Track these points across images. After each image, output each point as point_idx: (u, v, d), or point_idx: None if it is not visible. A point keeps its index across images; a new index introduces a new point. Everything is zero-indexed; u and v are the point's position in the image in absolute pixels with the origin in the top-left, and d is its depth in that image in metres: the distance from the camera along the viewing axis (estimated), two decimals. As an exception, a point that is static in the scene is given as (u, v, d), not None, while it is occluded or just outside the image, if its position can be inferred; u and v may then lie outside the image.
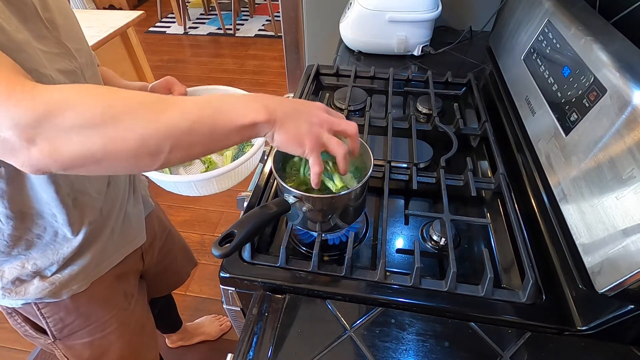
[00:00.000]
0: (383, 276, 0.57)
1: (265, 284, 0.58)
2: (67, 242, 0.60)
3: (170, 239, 0.94)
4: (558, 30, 0.67)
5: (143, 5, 4.43)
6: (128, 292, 0.76)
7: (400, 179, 0.75)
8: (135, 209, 0.75)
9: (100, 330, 0.71)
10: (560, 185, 0.58)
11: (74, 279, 0.63)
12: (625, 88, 0.47)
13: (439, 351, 0.50)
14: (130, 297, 0.76)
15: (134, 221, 0.74)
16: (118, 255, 0.70)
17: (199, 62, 3.33)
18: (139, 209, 0.76)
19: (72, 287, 0.64)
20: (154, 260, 0.86)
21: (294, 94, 0.97)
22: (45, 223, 0.57)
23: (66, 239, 0.60)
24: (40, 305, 0.64)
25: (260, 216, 0.50)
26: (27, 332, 0.69)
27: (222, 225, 1.89)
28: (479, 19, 1.22)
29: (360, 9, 1.09)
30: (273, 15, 3.68)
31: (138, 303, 0.79)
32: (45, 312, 0.64)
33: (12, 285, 0.59)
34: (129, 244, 0.73)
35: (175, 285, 1.05)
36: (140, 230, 0.76)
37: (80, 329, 0.69)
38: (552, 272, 0.57)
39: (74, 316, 0.67)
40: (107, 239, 0.66)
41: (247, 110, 0.41)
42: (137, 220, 0.75)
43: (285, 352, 0.50)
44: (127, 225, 0.71)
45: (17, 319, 0.67)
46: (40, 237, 0.58)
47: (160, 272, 0.92)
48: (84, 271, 0.64)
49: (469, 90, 0.99)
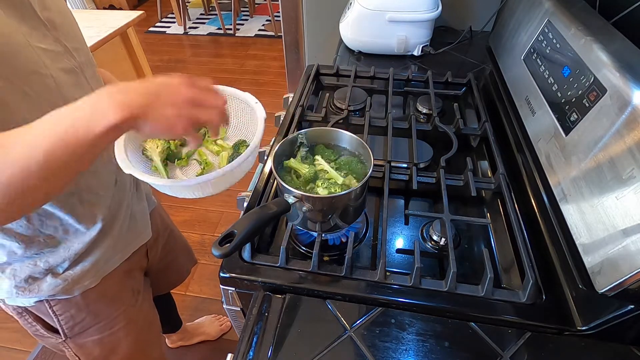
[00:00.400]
0: (383, 276, 0.57)
1: (265, 284, 0.58)
2: (78, 239, 0.61)
3: (172, 237, 0.95)
4: (558, 30, 0.67)
5: (143, 5, 4.43)
6: (135, 289, 0.77)
7: (400, 179, 0.75)
8: (140, 206, 0.76)
9: (110, 327, 0.72)
10: (560, 185, 0.58)
11: (86, 275, 0.64)
12: (625, 88, 0.47)
13: (439, 351, 0.50)
14: (137, 293, 0.77)
15: (139, 217, 0.75)
16: (127, 251, 0.72)
17: (199, 62, 3.33)
18: (143, 206, 0.78)
19: (84, 283, 0.65)
20: (157, 258, 0.87)
21: (294, 94, 0.97)
22: (55, 222, 0.58)
23: (77, 235, 0.61)
24: (52, 303, 0.64)
25: (260, 216, 0.50)
26: (38, 332, 0.70)
27: (222, 225, 1.89)
28: (479, 19, 1.22)
29: (360, 9, 1.09)
30: (273, 15, 3.68)
31: (145, 299, 0.81)
32: (57, 309, 0.65)
33: (25, 283, 0.60)
34: (136, 240, 0.75)
35: (176, 283, 1.06)
36: (145, 227, 0.78)
37: (91, 326, 0.70)
38: (552, 272, 0.57)
39: (84, 313, 0.68)
40: (116, 234, 0.67)
41: (101, 114, 0.37)
42: (142, 217, 0.76)
43: (285, 352, 0.50)
44: (133, 221, 0.73)
45: (28, 319, 0.68)
46: (52, 237, 0.59)
47: (162, 270, 0.93)
48: (94, 267, 0.65)
49: (469, 90, 0.99)
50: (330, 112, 0.94)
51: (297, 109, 0.87)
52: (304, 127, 0.87)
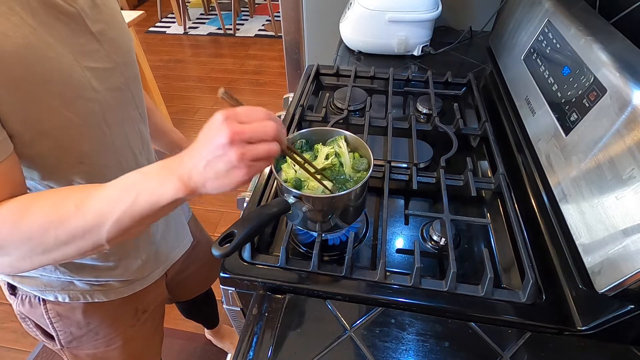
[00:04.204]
0: (383, 276, 0.57)
1: (265, 284, 0.58)
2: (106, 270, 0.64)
3: (196, 250, 0.89)
4: (558, 30, 0.67)
5: (143, 5, 4.43)
6: (140, 309, 0.74)
7: (400, 179, 0.75)
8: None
9: (106, 345, 0.72)
10: (560, 185, 0.58)
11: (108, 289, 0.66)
12: (625, 88, 0.47)
13: (439, 351, 0.50)
14: (141, 313, 0.75)
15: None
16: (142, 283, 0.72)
17: (199, 62, 3.32)
18: None
19: (98, 295, 0.65)
20: (175, 270, 0.83)
21: (294, 93, 0.97)
22: None
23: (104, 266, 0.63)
24: (54, 320, 0.64)
25: (260, 216, 0.50)
26: (38, 336, 0.70)
27: (222, 225, 1.89)
28: (479, 19, 1.22)
29: (360, 9, 1.09)
30: (273, 15, 3.68)
31: (150, 317, 0.78)
32: (58, 326, 0.65)
33: (43, 286, 0.61)
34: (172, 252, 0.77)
35: (197, 292, 1.04)
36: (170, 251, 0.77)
37: (88, 342, 0.70)
38: (552, 272, 0.57)
39: (83, 331, 0.68)
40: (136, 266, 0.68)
41: (164, 189, 0.39)
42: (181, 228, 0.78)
43: (285, 352, 0.50)
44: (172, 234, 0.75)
45: (30, 325, 0.68)
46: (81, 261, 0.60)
47: (182, 280, 0.89)
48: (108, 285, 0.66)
49: (469, 90, 0.99)
50: (330, 112, 0.94)
51: (297, 109, 0.87)
52: (304, 127, 0.87)
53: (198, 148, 0.38)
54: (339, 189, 0.56)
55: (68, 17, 0.45)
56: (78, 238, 0.41)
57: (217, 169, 0.37)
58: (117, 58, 0.53)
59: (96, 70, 0.49)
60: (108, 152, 0.55)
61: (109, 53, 0.51)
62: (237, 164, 0.36)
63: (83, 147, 0.51)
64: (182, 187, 0.38)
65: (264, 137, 0.38)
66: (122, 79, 0.54)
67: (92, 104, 0.49)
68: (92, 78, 0.48)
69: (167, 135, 0.84)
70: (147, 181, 0.40)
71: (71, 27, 0.46)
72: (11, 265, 0.43)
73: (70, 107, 0.46)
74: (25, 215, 0.40)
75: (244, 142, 0.37)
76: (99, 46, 0.49)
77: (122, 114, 0.56)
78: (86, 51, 0.48)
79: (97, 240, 0.41)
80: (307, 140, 0.64)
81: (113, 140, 0.55)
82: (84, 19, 0.47)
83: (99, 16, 0.49)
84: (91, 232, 0.41)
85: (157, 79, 2.21)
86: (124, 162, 0.58)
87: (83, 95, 0.47)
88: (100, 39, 0.49)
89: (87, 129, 0.50)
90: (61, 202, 0.41)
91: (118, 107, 0.54)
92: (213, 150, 0.36)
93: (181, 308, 1.21)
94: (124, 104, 0.56)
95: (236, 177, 0.38)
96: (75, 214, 0.40)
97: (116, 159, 0.56)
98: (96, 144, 0.52)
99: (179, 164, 0.39)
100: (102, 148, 0.53)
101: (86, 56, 0.47)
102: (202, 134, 0.38)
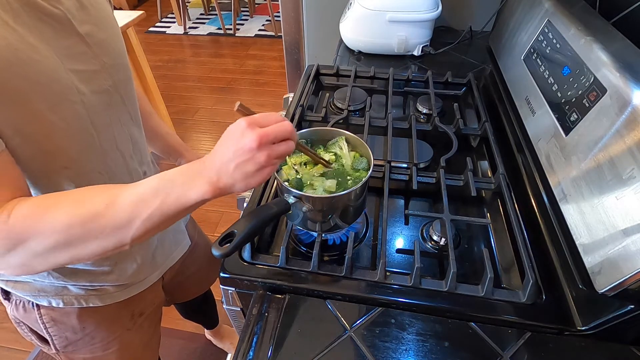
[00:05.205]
0: (383, 276, 0.57)
1: (265, 284, 0.58)
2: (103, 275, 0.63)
3: (195, 252, 0.88)
4: (558, 30, 0.67)
5: (143, 5, 4.43)
6: (136, 312, 0.74)
7: (400, 179, 0.75)
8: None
9: (102, 349, 0.71)
10: (560, 185, 0.58)
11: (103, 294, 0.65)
12: (625, 88, 0.47)
13: (439, 351, 0.50)
14: (137, 316, 0.75)
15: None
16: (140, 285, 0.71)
17: (199, 62, 3.32)
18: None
19: (94, 300, 0.65)
20: (173, 272, 0.83)
21: (294, 94, 0.96)
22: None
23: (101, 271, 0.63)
24: (48, 325, 0.64)
25: (260, 216, 0.50)
26: (33, 341, 0.70)
27: (222, 225, 1.89)
28: (479, 19, 1.21)
29: (360, 9, 1.09)
30: (273, 15, 3.68)
31: (147, 320, 0.77)
32: (52, 331, 0.65)
33: (36, 291, 0.60)
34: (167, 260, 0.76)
35: (196, 294, 1.04)
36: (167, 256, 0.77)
37: (84, 346, 0.69)
38: (552, 272, 0.57)
39: (79, 336, 0.67)
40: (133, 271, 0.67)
41: (193, 191, 0.42)
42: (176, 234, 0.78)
43: (285, 352, 0.50)
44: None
45: (25, 329, 0.68)
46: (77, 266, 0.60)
47: (180, 282, 0.88)
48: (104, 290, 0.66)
49: (469, 90, 0.99)
50: (330, 112, 0.94)
51: (297, 109, 0.87)
52: (304, 127, 0.87)
53: (224, 152, 0.41)
54: (339, 189, 0.56)
55: (53, 18, 0.44)
56: (106, 234, 0.42)
57: (246, 170, 0.41)
58: (106, 60, 0.52)
59: (81, 72, 0.48)
60: (96, 155, 0.54)
61: (98, 55, 0.51)
62: (265, 164, 0.41)
63: (69, 151, 0.50)
64: (211, 188, 0.41)
65: (286, 136, 0.42)
66: (109, 81, 0.53)
67: (77, 106, 0.48)
68: (77, 80, 0.48)
69: (164, 139, 0.83)
70: (175, 184, 0.42)
71: (56, 29, 0.45)
72: (23, 264, 0.43)
73: (55, 110, 0.46)
74: (51, 209, 0.41)
75: (269, 143, 0.41)
76: (86, 48, 0.49)
77: (110, 117, 0.55)
78: (72, 53, 0.47)
79: (122, 239, 0.42)
80: (307, 140, 0.64)
81: (101, 143, 0.54)
82: (70, 20, 0.46)
83: (86, 17, 0.49)
84: (121, 229, 0.42)
85: (157, 79, 2.20)
86: (113, 166, 0.57)
87: (68, 97, 0.47)
88: (89, 41, 0.49)
89: (73, 132, 0.49)
90: (88, 199, 0.42)
91: (105, 109, 0.54)
92: (242, 154, 0.40)
93: (180, 309, 1.21)
94: (112, 106, 0.55)
95: (263, 176, 0.42)
96: (106, 211, 0.41)
97: (105, 162, 0.55)
98: (83, 147, 0.52)
99: (204, 168, 0.42)
100: (89, 151, 0.53)
101: (72, 58, 0.47)
102: (225, 139, 0.41)
